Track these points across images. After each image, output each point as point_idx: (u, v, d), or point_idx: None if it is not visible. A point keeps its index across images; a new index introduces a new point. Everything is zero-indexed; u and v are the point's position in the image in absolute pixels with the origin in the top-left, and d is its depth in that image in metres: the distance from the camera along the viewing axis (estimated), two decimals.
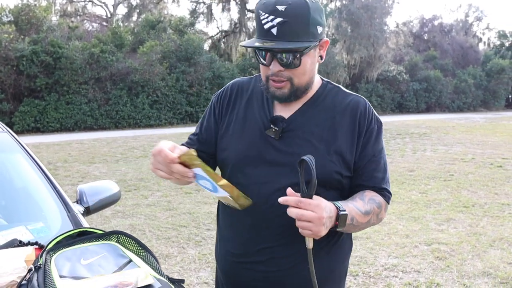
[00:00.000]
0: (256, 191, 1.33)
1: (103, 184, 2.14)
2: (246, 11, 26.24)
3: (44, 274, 1.10)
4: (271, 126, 1.37)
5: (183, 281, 1.18)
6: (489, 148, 11.63)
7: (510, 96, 34.26)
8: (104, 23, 27.01)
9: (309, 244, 1.17)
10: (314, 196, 1.14)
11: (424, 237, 4.73)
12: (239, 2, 26.09)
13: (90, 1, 27.41)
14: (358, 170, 1.37)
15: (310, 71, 1.34)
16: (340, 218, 1.19)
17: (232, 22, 28.45)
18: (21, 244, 1.42)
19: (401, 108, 26.71)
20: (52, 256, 1.19)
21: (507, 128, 17.63)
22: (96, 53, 18.83)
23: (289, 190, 1.14)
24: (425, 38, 33.32)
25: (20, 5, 19.24)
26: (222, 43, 29.72)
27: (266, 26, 1.24)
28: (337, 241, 1.44)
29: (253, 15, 26.16)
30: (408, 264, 4.00)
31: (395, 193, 6.71)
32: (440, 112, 27.29)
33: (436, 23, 33.85)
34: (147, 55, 20.17)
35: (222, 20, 63.07)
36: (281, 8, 1.22)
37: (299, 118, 1.38)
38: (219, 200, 1.50)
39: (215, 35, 30.24)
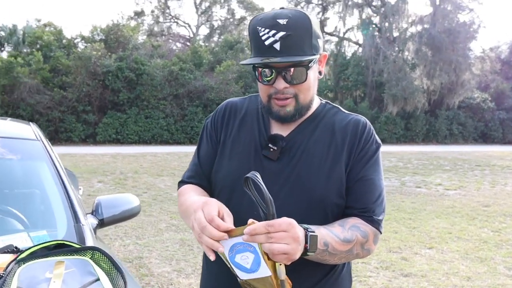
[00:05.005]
0: (247, 219, 1.22)
1: (123, 197, 2.14)
2: (323, 34, 26.17)
3: (3, 284, 1.08)
4: (269, 145, 1.27)
5: None
6: None
7: None
8: (187, 43, 28.28)
9: (282, 273, 1.00)
10: (285, 218, 1.00)
11: (488, 281, 4.25)
12: None
13: (175, 22, 28.91)
14: (347, 190, 1.24)
15: (314, 87, 1.27)
16: (309, 239, 1.03)
17: None
18: (15, 250, 1.43)
19: (484, 138, 25.00)
20: (21, 265, 1.17)
21: None
22: (176, 71, 19.72)
23: (250, 220, 1.01)
24: None
25: (110, 25, 20.73)
26: None
27: (267, 42, 1.16)
28: (336, 279, 1.30)
29: (323, 39, 26.02)
30: None
31: (463, 229, 6.18)
32: None
33: None
34: (223, 74, 20.75)
35: None
36: (282, 21, 1.16)
37: (298, 136, 1.28)
38: None
39: None
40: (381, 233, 1.24)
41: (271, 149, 1.26)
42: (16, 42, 20.59)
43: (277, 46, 1.15)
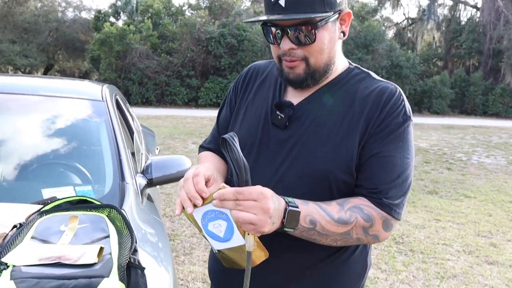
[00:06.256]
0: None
1: (175, 159, 2.19)
2: None
3: (20, 232, 1.17)
4: (277, 112, 1.19)
5: (143, 268, 1.12)
6: None
7: None
8: None
9: (250, 244, 0.93)
10: (258, 187, 0.94)
11: None
12: None
13: None
14: (359, 167, 1.10)
15: (329, 49, 1.12)
16: (288, 214, 0.96)
17: (420, 8, 26.59)
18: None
19: None
20: (43, 216, 1.26)
21: None
22: None
23: (221, 184, 0.96)
24: None
25: None
26: (407, 31, 28.09)
27: None
28: (345, 260, 1.20)
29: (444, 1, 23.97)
30: None
31: None
32: None
33: None
34: None
35: (410, 7, 60.75)
36: None
37: (310, 104, 1.17)
38: None
39: (400, 22, 28.72)
40: (397, 219, 1.09)
41: (279, 117, 1.17)
42: (130, 11, 22.03)
43: (282, 2, 1.05)
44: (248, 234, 0.93)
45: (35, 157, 1.94)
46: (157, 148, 3.91)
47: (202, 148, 1.40)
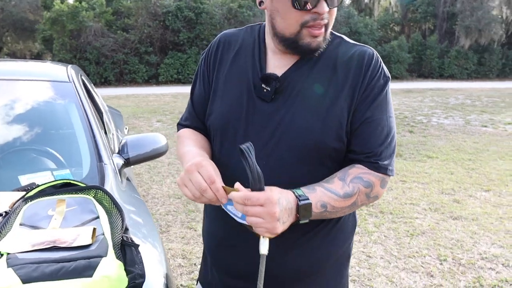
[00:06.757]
0: (238, 167, 1.13)
1: (150, 137, 2.18)
2: None
3: (7, 220, 1.16)
4: (263, 85, 1.17)
5: (137, 245, 1.14)
6: None
7: None
8: None
9: (264, 247, 0.96)
10: (268, 188, 0.97)
11: None
12: None
13: None
14: (351, 133, 1.14)
15: None
16: (300, 209, 1.00)
17: None
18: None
19: None
20: (28, 203, 1.24)
21: None
22: (234, 8, 19.41)
23: (237, 184, 0.99)
24: None
25: None
26: None
27: None
28: (336, 223, 1.24)
29: None
30: None
31: None
32: None
33: None
34: None
35: None
36: None
37: (294, 74, 1.16)
38: None
39: None
40: (390, 175, 1.16)
41: (265, 90, 1.16)
42: None
43: None
44: (263, 237, 0.96)
45: (6, 143, 1.88)
46: (126, 128, 3.85)
47: (180, 125, 1.38)
